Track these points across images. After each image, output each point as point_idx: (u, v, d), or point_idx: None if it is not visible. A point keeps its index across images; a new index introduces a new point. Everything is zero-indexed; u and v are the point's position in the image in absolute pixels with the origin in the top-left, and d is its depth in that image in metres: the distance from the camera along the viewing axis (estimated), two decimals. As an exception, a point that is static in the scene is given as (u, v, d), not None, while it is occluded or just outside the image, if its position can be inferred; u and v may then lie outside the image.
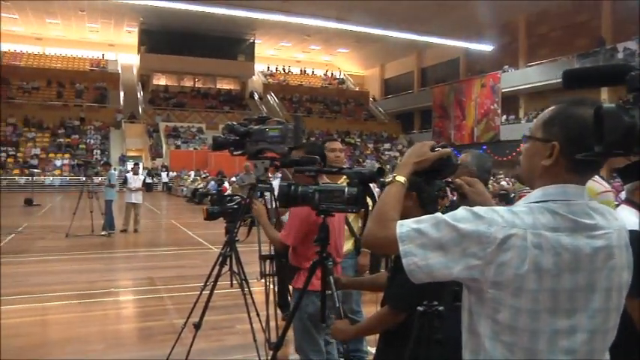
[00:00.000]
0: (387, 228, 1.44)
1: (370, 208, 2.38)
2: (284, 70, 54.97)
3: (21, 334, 5.54)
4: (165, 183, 34.05)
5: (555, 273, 1.31)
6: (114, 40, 48.61)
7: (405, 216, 1.48)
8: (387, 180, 1.61)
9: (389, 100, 50.41)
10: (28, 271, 8.75)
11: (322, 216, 2.49)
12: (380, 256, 4.85)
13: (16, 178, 33.28)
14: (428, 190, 2.07)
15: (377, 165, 3.65)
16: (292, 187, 2.50)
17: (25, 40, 47.38)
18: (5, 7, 39.09)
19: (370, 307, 4.65)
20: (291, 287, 3.57)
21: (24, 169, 33.74)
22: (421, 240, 1.37)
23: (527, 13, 34.02)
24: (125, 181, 13.72)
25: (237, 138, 3.72)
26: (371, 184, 2.42)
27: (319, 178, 2.90)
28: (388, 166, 28.65)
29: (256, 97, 48.59)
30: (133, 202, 13.43)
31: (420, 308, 1.96)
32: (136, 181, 13.56)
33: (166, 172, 34.74)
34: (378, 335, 2.42)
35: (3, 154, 35.40)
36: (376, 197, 2.37)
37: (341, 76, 56.55)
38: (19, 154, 36.13)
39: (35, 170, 31.05)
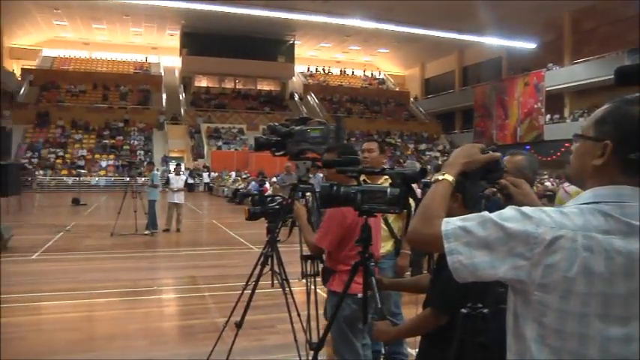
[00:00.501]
0: (432, 225, 1.42)
1: (412, 209, 2.36)
2: (324, 70, 55.07)
3: (69, 328, 5.71)
4: (207, 183, 34.51)
5: (607, 277, 1.26)
6: (157, 44, 49.62)
7: (448, 216, 1.46)
8: (433, 179, 1.59)
9: (430, 100, 49.94)
10: (76, 268, 9.02)
11: (364, 216, 2.48)
12: (422, 257, 4.80)
13: (65, 178, 34.35)
14: (473, 191, 2.04)
15: (418, 165, 3.62)
16: (334, 188, 2.49)
17: (74, 46, 48.92)
18: (56, 15, 40.51)
19: (410, 309, 4.61)
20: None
21: (71, 170, 34.81)
22: (467, 238, 1.35)
23: (573, 8, 33.12)
24: (168, 182, 13.94)
25: (279, 139, 3.74)
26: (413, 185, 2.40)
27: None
28: (429, 167, 28.34)
29: (296, 97, 48.84)
30: (176, 202, 13.61)
31: (463, 310, 1.93)
32: (178, 181, 13.73)
33: (207, 173, 35.21)
34: (419, 337, 2.39)
35: (52, 155, 36.64)
36: (418, 198, 2.35)
37: (381, 76, 56.32)
38: (67, 155, 37.26)
39: (82, 171, 31.99)
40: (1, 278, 8.02)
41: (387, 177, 2.41)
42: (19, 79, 43.89)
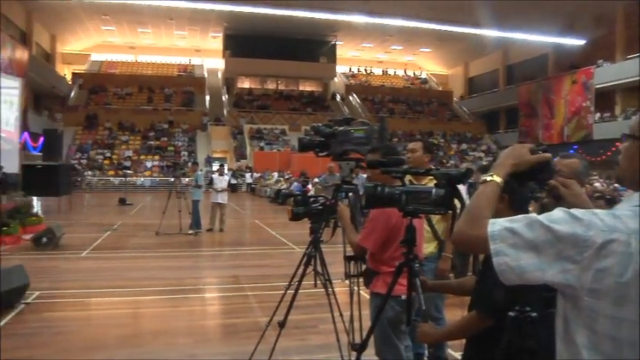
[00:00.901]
0: (478, 226, 1.40)
1: (458, 210, 2.33)
2: (366, 70, 54.93)
3: (118, 324, 5.87)
4: (249, 184, 34.87)
5: None
6: (200, 46, 50.44)
7: (494, 218, 1.45)
8: (481, 179, 1.58)
9: (473, 100, 49.20)
10: (123, 266, 9.26)
11: (408, 217, 2.47)
12: (467, 258, 4.74)
13: (111, 178, 35.31)
14: (520, 193, 2.00)
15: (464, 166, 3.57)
16: (379, 188, 2.49)
17: (120, 50, 50.25)
18: (104, 21, 41.74)
19: (454, 311, 4.56)
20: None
21: (118, 170, 35.74)
22: (513, 240, 1.33)
23: (626, 2, 31.89)
24: (211, 182, 14.06)
25: (323, 139, 3.75)
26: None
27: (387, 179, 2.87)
28: (474, 167, 27.86)
29: (338, 98, 48.86)
30: (219, 202, 13.71)
31: (511, 314, 1.90)
32: (221, 181, 13.85)
33: (250, 173, 35.58)
34: (463, 341, 2.37)
35: (100, 156, 37.73)
36: (464, 199, 2.32)
37: (423, 76, 55.81)
38: (113, 156, 38.31)
39: (128, 171, 32.80)
40: (54, 275, 8.32)
41: (431, 177, 2.39)
42: (70, 83, 45.40)
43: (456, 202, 2.32)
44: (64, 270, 8.80)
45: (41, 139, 21.51)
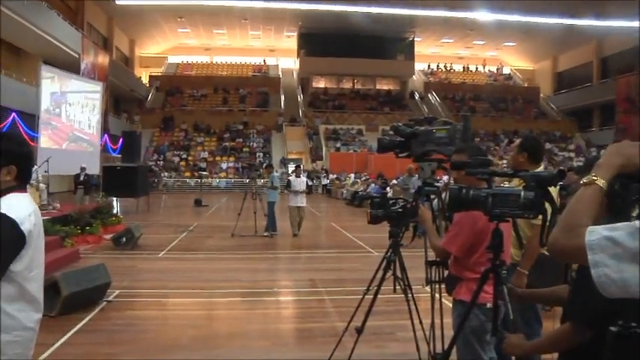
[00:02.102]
0: (575, 235, 1.34)
1: (549, 215, 2.25)
2: (445, 67, 54.05)
3: (193, 325, 6.07)
4: (325, 185, 35.10)
5: None
6: (274, 46, 51.32)
7: (592, 224, 1.38)
8: (582, 181, 1.50)
9: (562, 96, 47.21)
10: (199, 267, 9.56)
11: (495, 222, 2.41)
12: (548, 275, 4.53)
13: (187, 180, 36.53)
14: (623, 197, 1.90)
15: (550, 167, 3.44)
16: (463, 190, 2.45)
17: (196, 52, 51.98)
18: (180, 23, 43.42)
19: (546, 322, 4.38)
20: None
21: (194, 172, 36.94)
22: (614, 250, 1.27)
23: None
24: (289, 185, 13.94)
25: (403, 139, 3.73)
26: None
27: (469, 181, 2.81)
28: (564, 168, 26.79)
29: (417, 96, 48.34)
30: (298, 205, 13.53)
31: (613, 328, 1.80)
32: (300, 184, 13.65)
33: (326, 175, 35.80)
34: (556, 355, 2.28)
35: (176, 158, 39.15)
36: (556, 202, 2.24)
37: (507, 72, 54.22)
38: (189, 158, 39.63)
39: (204, 173, 33.85)
40: (132, 274, 8.71)
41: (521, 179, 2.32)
42: (147, 85, 47.46)
43: (548, 206, 2.24)
44: (142, 269, 9.20)
45: (120, 140, 22.56)
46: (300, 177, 13.96)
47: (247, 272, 9.10)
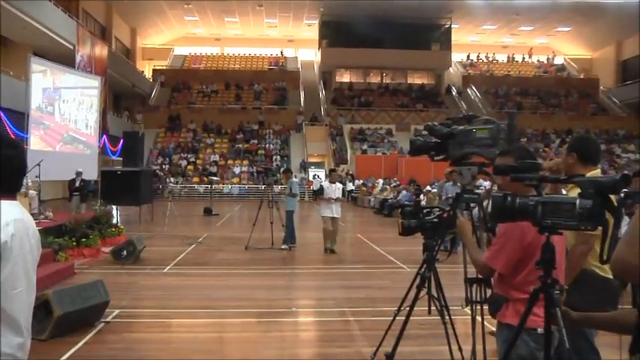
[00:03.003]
0: None
1: (610, 226, 2.21)
2: (487, 58, 53.76)
3: (202, 349, 6.08)
4: (350, 192, 35.06)
5: None
6: (293, 36, 51.54)
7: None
8: None
9: (627, 88, 45.80)
10: (208, 283, 9.60)
11: (546, 234, 2.38)
12: (600, 295, 4.45)
13: (196, 186, 36.78)
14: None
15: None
16: (509, 198, 2.42)
17: (205, 42, 52.45)
18: (187, 10, 43.77)
19: (607, 352, 4.30)
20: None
21: (203, 177, 37.13)
22: None
23: None
24: (321, 191, 13.56)
25: (439, 140, 3.71)
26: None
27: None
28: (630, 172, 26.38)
29: (454, 92, 48.16)
30: (333, 216, 13.05)
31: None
32: (334, 190, 13.13)
33: (351, 180, 35.75)
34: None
35: (183, 161, 39.44)
36: (620, 212, 2.19)
37: (560, 62, 53.58)
38: (198, 161, 39.90)
39: (214, 178, 34.02)
40: (134, 291, 8.77)
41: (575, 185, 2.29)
42: (151, 80, 47.94)
43: (609, 216, 2.20)
44: (145, 286, 9.27)
45: (121, 142, 22.76)
46: (335, 183, 13.48)
47: (263, 290, 9.11)
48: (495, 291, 3.32)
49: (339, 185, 13.63)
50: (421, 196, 21.39)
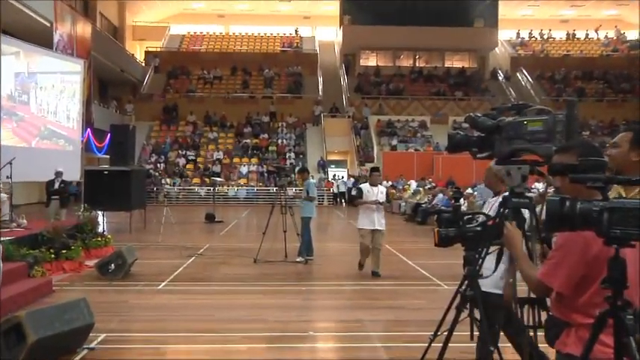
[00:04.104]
0: None
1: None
2: (542, 35, 53.35)
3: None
4: (355, 194, 35.01)
5: None
6: (310, 12, 51.58)
7: None
8: None
9: None
10: (211, 303, 9.60)
11: (614, 246, 2.34)
12: None
13: (196, 188, 36.95)
14: None
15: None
16: (567, 203, 2.39)
17: (207, 19, 52.64)
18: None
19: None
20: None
21: (205, 178, 37.23)
22: None
23: None
24: (359, 194, 12.40)
25: (482, 135, 3.68)
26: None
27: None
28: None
29: (501, 77, 47.91)
30: (375, 227, 11.92)
31: None
32: (377, 194, 11.96)
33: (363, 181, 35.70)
34: None
35: (182, 160, 39.61)
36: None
37: (634, 36, 52.48)
38: (199, 159, 40.15)
39: (217, 179, 34.13)
40: (123, 312, 8.80)
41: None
42: (143, 64, 48.28)
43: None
44: (136, 306, 9.29)
45: (108, 137, 22.88)
46: (376, 185, 12.25)
47: (275, 310, 9.10)
48: (553, 314, 3.27)
49: (382, 189, 12.50)
50: (461, 201, 21.34)
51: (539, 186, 13.58)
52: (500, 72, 48.45)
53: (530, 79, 46.72)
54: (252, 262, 13.21)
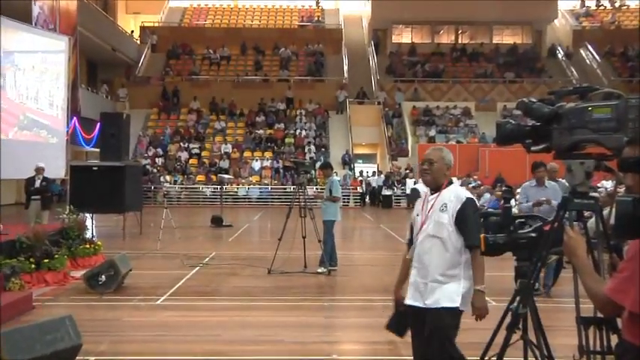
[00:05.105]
0: None
1: None
2: (612, 3, 52.68)
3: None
4: (410, 194, 34.81)
5: None
6: (333, -20, 51.54)
7: None
8: None
9: None
10: (218, 321, 9.60)
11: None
12: None
13: (201, 187, 37.10)
14: None
15: None
16: (640, 205, 2.37)
17: (213, -11, 52.69)
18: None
19: None
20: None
21: (210, 175, 37.28)
22: None
23: None
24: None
25: (538, 124, 3.66)
26: None
27: None
28: None
29: (561, 54, 47.50)
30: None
31: None
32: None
33: (413, 179, 35.53)
34: None
35: (184, 154, 39.70)
36: None
37: None
38: (203, 154, 40.27)
39: (226, 176, 34.20)
40: (116, 331, 8.84)
41: None
42: (138, 42, 48.49)
43: None
44: (130, 324, 9.32)
45: (97, 127, 22.89)
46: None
47: (292, 329, 9.10)
48: (625, 338, 3.24)
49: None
50: (512, 202, 21.23)
51: (607, 184, 13.48)
52: (559, 48, 48.07)
53: (596, 57, 46.32)
54: (265, 274, 13.24)
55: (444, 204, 4.88)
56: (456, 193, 4.95)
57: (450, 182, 5.10)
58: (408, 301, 5.05)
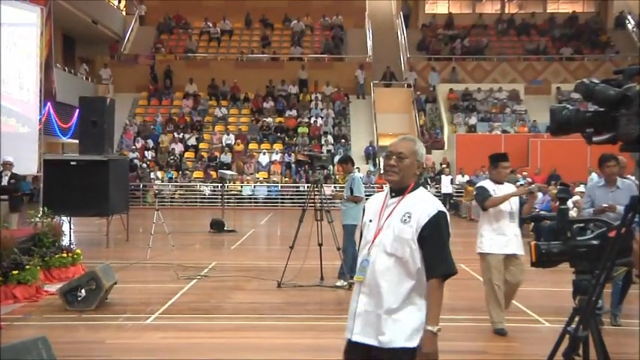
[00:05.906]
0: None
1: None
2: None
3: None
4: (449, 195, 34.83)
5: None
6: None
7: None
8: None
9: None
10: (219, 343, 9.63)
11: None
12: None
13: (198, 184, 37.19)
14: None
15: None
16: None
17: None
18: None
19: None
20: None
21: (209, 171, 37.33)
22: None
23: None
24: (482, 196, 10.15)
25: (602, 110, 3.64)
26: None
27: None
28: None
29: (631, 24, 47.18)
30: (509, 252, 9.98)
31: None
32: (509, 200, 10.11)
33: (450, 176, 35.48)
34: None
35: (178, 146, 39.74)
36: None
37: None
38: (201, 146, 40.37)
39: (228, 173, 34.28)
40: (98, 355, 8.87)
41: None
42: (124, 14, 48.58)
43: None
44: (116, 347, 9.34)
45: (76, 114, 22.87)
46: (502, 183, 10.40)
47: (306, 352, 9.13)
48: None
49: (513, 187, 10.78)
50: (569, 203, 21.16)
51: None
52: (629, 17, 47.69)
53: (674, 29, 46.11)
54: (275, 287, 13.31)
55: (407, 213, 4.56)
56: (424, 201, 4.58)
57: (417, 185, 4.70)
58: (355, 338, 4.83)
